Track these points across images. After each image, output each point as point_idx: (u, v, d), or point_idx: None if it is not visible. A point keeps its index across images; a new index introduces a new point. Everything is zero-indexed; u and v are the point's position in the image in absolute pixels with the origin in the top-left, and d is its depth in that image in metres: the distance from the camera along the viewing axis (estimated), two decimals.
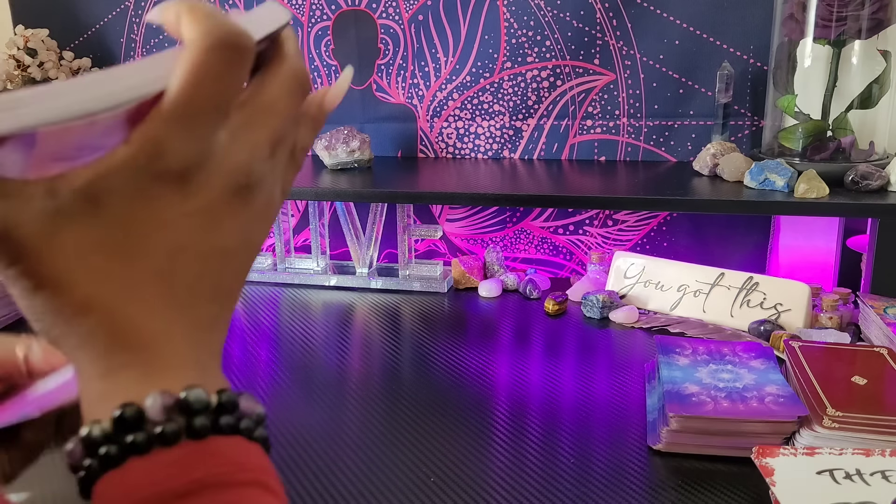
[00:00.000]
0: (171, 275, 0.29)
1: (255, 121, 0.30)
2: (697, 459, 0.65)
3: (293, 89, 0.31)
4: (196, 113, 0.27)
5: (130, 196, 0.27)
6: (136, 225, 0.28)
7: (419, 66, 1.25)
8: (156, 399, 0.27)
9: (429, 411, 0.75)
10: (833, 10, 0.96)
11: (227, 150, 0.29)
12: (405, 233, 1.16)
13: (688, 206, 0.98)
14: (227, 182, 0.29)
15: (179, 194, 0.28)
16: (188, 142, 0.28)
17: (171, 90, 0.27)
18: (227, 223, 0.30)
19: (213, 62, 0.27)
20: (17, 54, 1.31)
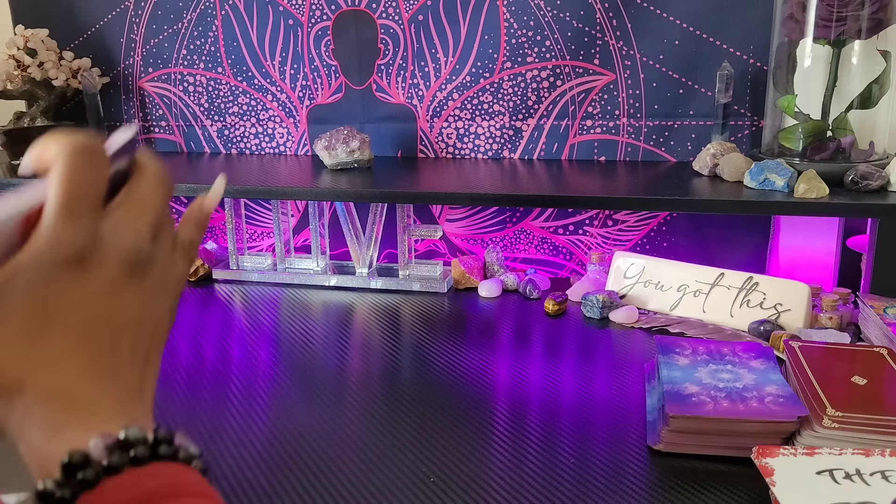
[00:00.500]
0: (89, 348, 0.34)
1: (132, 211, 0.36)
2: (697, 459, 0.65)
3: (158, 185, 0.38)
4: (76, 205, 0.33)
5: (38, 287, 0.32)
6: (50, 310, 0.33)
7: (419, 66, 1.25)
8: (97, 441, 0.31)
9: (429, 411, 0.75)
10: (833, 10, 0.96)
11: (113, 236, 0.35)
12: (405, 233, 1.16)
13: (688, 206, 0.98)
14: (119, 261, 0.35)
15: (81, 274, 0.33)
16: (76, 230, 0.33)
17: (52, 194, 0.33)
18: (128, 297, 0.35)
19: (77, 162, 0.33)
20: (17, 54, 1.31)
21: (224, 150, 1.40)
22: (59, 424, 0.32)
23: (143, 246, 0.36)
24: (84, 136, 0.35)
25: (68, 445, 0.31)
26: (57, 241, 0.33)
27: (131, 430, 0.32)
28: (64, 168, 0.33)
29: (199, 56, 1.35)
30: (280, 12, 1.28)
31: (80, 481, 0.30)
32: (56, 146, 0.34)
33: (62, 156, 0.33)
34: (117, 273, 0.35)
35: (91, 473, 0.30)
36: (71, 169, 0.33)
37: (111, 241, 0.35)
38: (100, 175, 0.35)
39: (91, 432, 0.31)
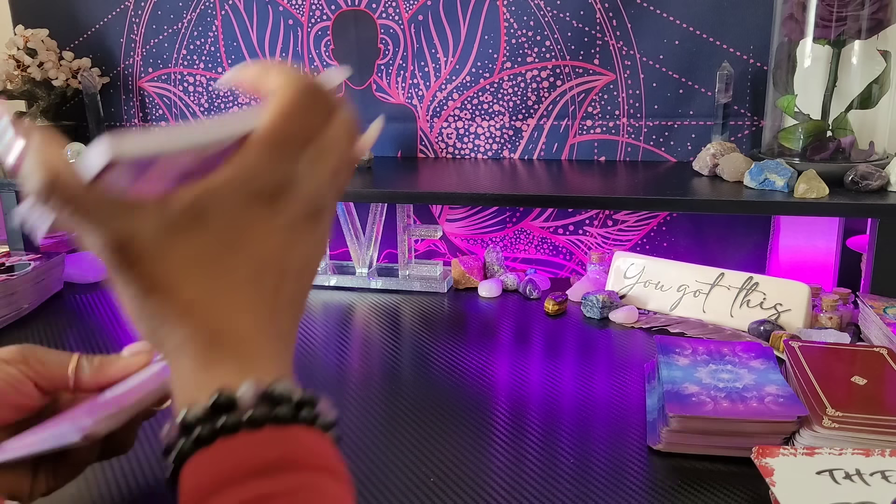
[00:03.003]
0: (258, 285, 0.34)
1: (322, 156, 0.35)
2: (697, 459, 0.65)
3: (347, 134, 0.37)
4: (285, 143, 0.33)
5: (229, 212, 0.32)
6: (232, 238, 0.33)
7: (419, 66, 1.25)
8: (248, 388, 0.31)
9: (429, 411, 0.75)
10: (833, 10, 0.96)
11: (305, 178, 0.34)
12: (405, 233, 1.16)
13: (688, 206, 0.98)
14: (304, 206, 0.35)
15: (269, 212, 0.33)
16: (277, 167, 0.33)
17: (266, 123, 0.33)
18: (301, 243, 0.35)
19: (301, 102, 0.33)
20: (17, 54, 1.31)
21: None
22: (215, 358, 0.32)
23: (324, 193, 0.36)
24: (313, 77, 0.34)
25: (220, 381, 0.31)
26: (260, 172, 0.33)
27: (280, 385, 0.32)
28: (286, 103, 0.33)
29: (199, 56, 1.35)
30: (280, 12, 1.28)
31: (221, 426, 0.30)
32: (283, 78, 0.34)
33: (289, 90, 0.33)
34: (299, 217, 0.35)
35: (233, 420, 0.30)
36: (293, 106, 0.33)
37: (301, 184, 0.34)
38: (319, 122, 0.34)
39: (244, 374, 0.31)
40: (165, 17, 1.34)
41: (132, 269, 0.32)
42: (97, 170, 0.31)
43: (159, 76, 1.38)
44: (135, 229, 0.31)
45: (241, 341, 0.33)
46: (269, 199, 0.33)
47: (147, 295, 0.32)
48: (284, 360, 0.35)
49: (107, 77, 1.40)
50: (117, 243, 0.31)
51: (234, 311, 0.33)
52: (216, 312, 0.33)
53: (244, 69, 0.36)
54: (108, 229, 0.31)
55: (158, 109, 1.41)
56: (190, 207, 0.32)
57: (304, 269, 0.36)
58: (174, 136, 0.32)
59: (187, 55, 1.35)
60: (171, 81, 1.38)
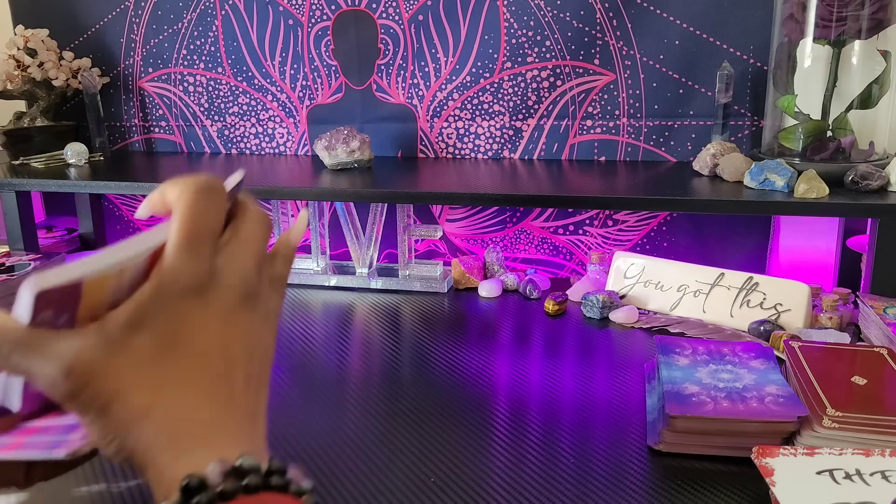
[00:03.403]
0: (208, 374, 0.36)
1: (240, 249, 0.39)
2: (697, 459, 0.65)
3: (261, 224, 0.41)
4: (195, 240, 0.36)
5: (162, 316, 0.35)
6: (172, 337, 0.36)
7: (419, 66, 1.25)
8: (215, 467, 0.33)
9: (429, 411, 0.75)
10: (833, 10, 0.96)
11: (227, 270, 0.38)
12: (405, 233, 1.16)
13: (688, 206, 0.98)
14: (233, 293, 0.38)
15: (201, 305, 0.36)
16: (197, 263, 0.36)
17: (173, 229, 0.36)
18: (241, 327, 0.38)
19: (199, 200, 0.37)
20: (17, 54, 1.31)
21: (224, 150, 1.40)
22: (183, 449, 0.34)
23: (252, 280, 0.39)
24: (205, 177, 0.38)
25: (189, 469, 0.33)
26: (180, 272, 0.36)
27: (247, 459, 0.33)
28: (186, 206, 0.36)
29: (199, 56, 1.35)
30: (280, 12, 1.28)
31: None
32: (178, 188, 0.37)
33: (185, 194, 0.37)
34: (231, 304, 0.38)
35: (205, 498, 0.32)
36: (193, 207, 0.36)
37: (225, 274, 0.37)
38: (219, 212, 0.38)
39: (212, 456, 0.33)
40: (165, 17, 1.34)
41: (85, 389, 0.34)
42: (29, 310, 0.33)
43: (159, 76, 1.38)
44: (80, 353, 0.34)
45: (203, 429, 0.35)
46: (197, 293, 0.36)
47: (105, 410, 0.35)
48: (253, 436, 0.37)
49: (107, 77, 1.40)
50: (67, 369, 0.34)
51: (189, 405, 0.35)
52: (173, 409, 0.35)
53: (150, 197, 0.39)
54: (55, 360, 0.34)
55: (158, 109, 1.41)
56: (126, 323, 0.35)
57: (252, 352, 0.39)
58: (90, 261, 0.34)
59: (187, 55, 1.35)
60: (171, 81, 1.38)
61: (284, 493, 0.34)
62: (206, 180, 0.38)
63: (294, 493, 0.34)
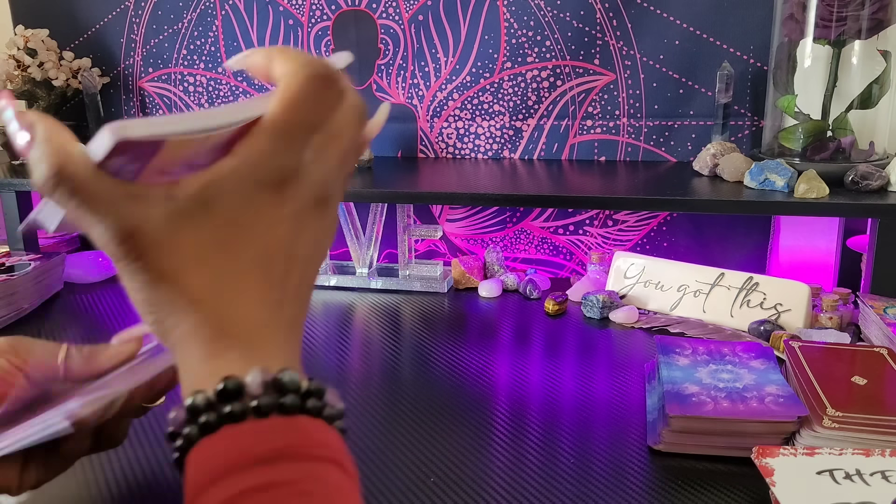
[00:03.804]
0: (267, 273, 0.34)
1: (329, 144, 0.35)
2: (697, 459, 0.65)
3: (356, 119, 0.37)
4: (292, 130, 0.33)
5: (236, 200, 0.32)
6: (240, 226, 0.33)
7: (419, 66, 1.25)
8: (256, 375, 0.31)
9: (429, 411, 0.75)
10: (833, 10, 0.96)
11: (312, 166, 0.34)
12: (405, 233, 1.16)
13: (688, 206, 0.98)
14: (311, 194, 0.34)
15: (276, 200, 0.33)
16: (285, 155, 0.33)
17: (273, 110, 0.32)
18: (309, 230, 0.35)
19: (309, 89, 0.33)
20: (17, 54, 1.31)
21: None
22: (223, 346, 0.32)
23: (332, 180, 0.36)
24: (323, 63, 0.34)
25: (227, 369, 0.31)
26: (268, 159, 0.32)
27: (288, 374, 0.32)
28: (294, 91, 0.33)
29: (199, 56, 1.35)
30: (280, 12, 1.28)
31: (227, 413, 0.30)
32: (290, 64, 0.33)
33: (297, 77, 0.33)
34: (307, 206, 0.35)
35: (240, 407, 0.30)
36: (301, 94, 0.33)
37: (309, 171, 0.34)
38: (327, 109, 0.34)
39: (252, 362, 0.31)
40: (165, 17, 1.34)
41: (140, 259, 0.32)
42: (103, 154, 0.30)
43: (159, 76, 1.38)
44: (142, 218, 0.31)
45: (249, 330, 0.33)
46: (276, 187, 0.33)
47: (155, 285, 0.32)
48: (293, 349, 0.35)
49: (107, 77, 1.40)
50: (125, 233, 0.31)
51: (242, 300, 0.33)
52: (224, 301, 0.33)
53: (253, 54, 0.36)
54: (115, 218, 0.31)
55: (158, 109, 1.41)
56: (197, 196, 0.32)
57: (312, 257, 0.36)
58: (179, 121, 0.31)
59: (187, 55, 1.35)
60: (171, 81, 1.38)
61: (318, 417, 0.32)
62: (326, 67, 0.34)
63: (327, 418, 0.33)
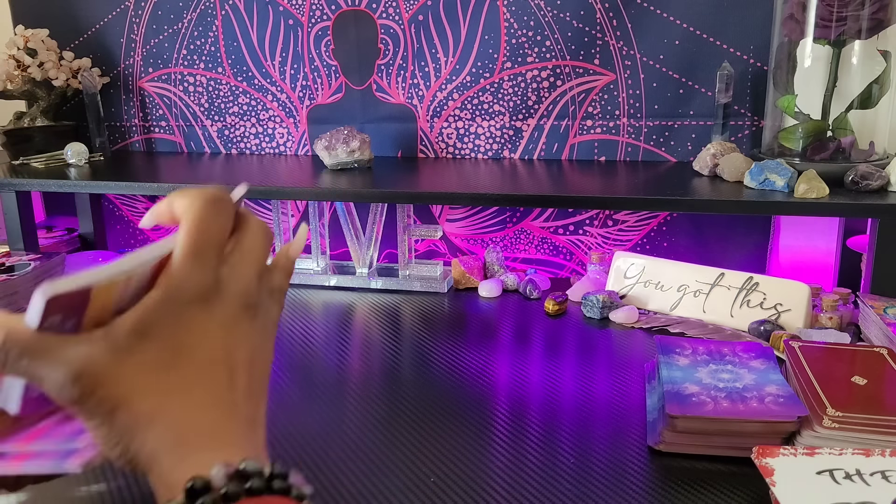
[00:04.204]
0: (211, 381, 0.37)
1: (243, 259, 0.40)
2: (697, 459, 0.65)
3: (262, 236, 0.42)
4: (201, 250, 0.37)
5: (168, 323, 0.37)
6: (177, 345, 0.37)
7: (419, 66, 1.25)
8: (219, 469, 0.33)
9: (429, 411, 0.75)
10: (833, 10, 0.96)
11: (230, 279, 0.39)
12: (405, 233, 1.15)
13: (688, 206, 0.98)
14: (236, 302, 0.39)
15: (205, 313, 0.38)
16: (202, 272, 0.38)
17: (181, 239, 0.37)
18: (243, 336, 0.39)
19: (207, 212, 0.38)
20: (17, 54, 1.31)
21: (224, 150, 1.40)
22: (186, 453, 0.35)
23: (253, 290, 0.40)
24: (212, 190, 0.39)
25: (193, 471, 0.34)
26: (187, 280, 0.37)
27: (250, 463, 0.34)
28: (194, 217, 0.38)
29: (199, 56, 1.35)
30: (280, 12, 1.28)
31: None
32: (186, 200, 0.38)
33: (193, 206, 0.38)
34: (234, 313, 0.39)
35: (209, 499, 0.33)
36: (200, 218, 0.38)
37: (229, 284, 0.39)
38: (225, 224, 0.40)
39: (214, 461, 0.34)
40: (165, 17, 1.34)
41: (93, 394, 0.35)
42: (38, 315, 0.34)
43: (159, 76, 1.38)
44: (87, 360, 0.35)
45: (207, 434, 0.36)
46: (201, 302, 0.37)
47: (112, 415, 0.35)
48: (254, 444, 0.38)
49: (107, 77, 1.40)
50: (74, 375, 0.35)
51: (193, 410, 0.36)
52: (177, 414, 0.36)
53: (157, 207, 0.40)
54: (63, 364, 0.35)
55: (158, 109, 1.41)
56: (132, 329, 0.36)
57: (253, 360, 0.40)
58: (98, 271, 0.35)
59: (187, 55, 1.35)
60: (171, 81, 1.38)
61: (286, 496, 0.34)
62: (213, 193, 0.39)
63: (296, 498, 0.35)
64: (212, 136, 1.39)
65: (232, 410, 0.38)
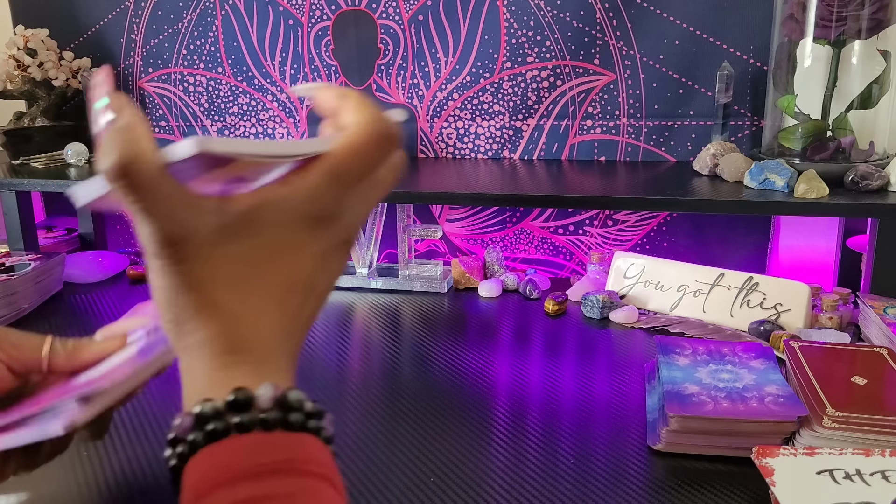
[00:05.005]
0: (286, 302, 0.36)
1: (369, 195, 0.38)
2: (697, 459, 0.65)
3: (395, 174, 0.40)
4: (346, 178, 0.35)
5: (278, 225, 0.35)
6: (274, 251, 0.35)
7: (419, 66, 1.25)
8: (267, 389, 0.32)
9: (429, 411, 0.75)
10: (833, 10, 0.96)
11: (348, 211, 0.37)
12: (405, 233, 1.16)
13: (688, 206, 0.98)
14: (341, 235, 0.38)
15: (313, 235, 0.36)
16: (333, 197, 0.36)
17: (335, 155, 0.35)
18: (329, 269, 0.38)
19: (372, 145, 0.36)
20: (17, 54, 1.31)
21: None
22: (234, 360, 0.34)
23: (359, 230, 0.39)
24: (387, 121, 0.37)
25: (237, 382, 0.32)
26: (312, 196, 0.35)
27: (295, 393, 0.33)
28: (361, 143, 0.36)
29: (199, 56, 1.35)
30: (280, 12, 1.28)
31: (236, 423, 0.31)
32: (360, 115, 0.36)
33: (365, 130, 0.36)
34: (334, 245, 0.37)
35: (248, 418, 0.31)
36: (362, 147, 0.36)
37: (347, 215, 0.37)
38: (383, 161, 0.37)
39: (261, 378, 0.33)
40: (165, 17, 1.34)
41: (179, 264, 0.33)
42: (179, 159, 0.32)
43: (159, 76, 1.38)
44: (193, 228, 0.33)
45: (260, 350, 0.35)
46: (315, 223, 0.36)
47: (186, 290, 0.34)
48: (292, 374, 0.37)
49: None
50: (173, 239, 0.33)
51: (260, 322, 0.35)
52: (244, 319, 0.34)
53: (325, 90, 0.39)
54: (167, 223, 0.33)
55: (158, 109, 1.41)
56: (246, 213, 0.34)
57: (325, 292, 0.39)
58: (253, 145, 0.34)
59: (187, 55, 1.35)
60: (171, 81, 1.38)
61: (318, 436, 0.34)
62: (389, 127, 0.37)
63: (325, 439, 0.34)
64: (212, 136, 1.39)
65: (290, 336, 0.37)
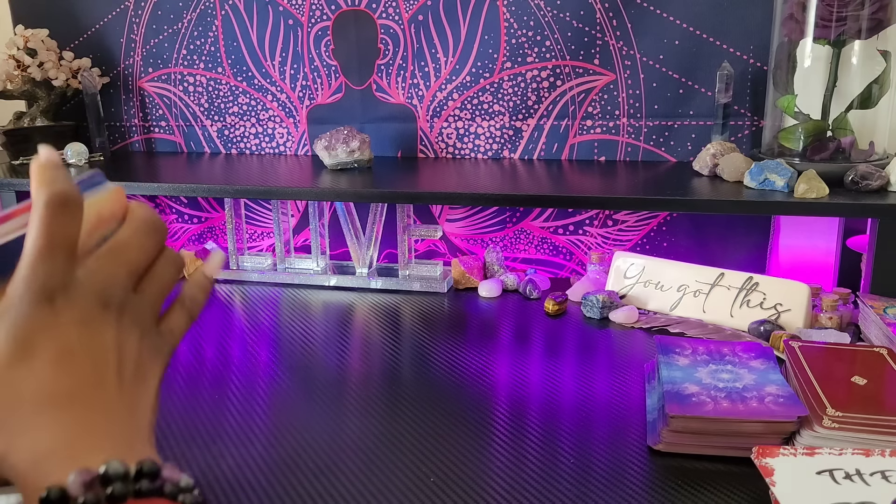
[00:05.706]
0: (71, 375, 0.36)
1: (109, 256, 0.39)
2: (697, 459, 0.65)
3: (143, 229, 0.41)
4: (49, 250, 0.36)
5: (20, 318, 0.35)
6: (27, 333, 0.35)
7: (419, 66, 1.25)
8: (75, 477, 0.31)
9: (429, 411, 0.75)
10: (833, 10, 0.96)
11: (87, 278, 0.37)
12: (405, 233, 1.16)
13: (688, 206, 0.98)
14: (91, 300, 0.37)
15: (51, 310, 0.36)
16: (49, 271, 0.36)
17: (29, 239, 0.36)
18: (103, 331, 0.37)
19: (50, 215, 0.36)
20: (17, 54, 1.31)
21: (224, 150, 1.40)
22: (43, 455, 0.33)
23: (116, 289, 0.39)
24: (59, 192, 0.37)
25: (50, 478, 0.32)
26: (32, 279, 0.36)
27: (112, 465, 0.32)
28: (42, 217, 0.36)
29: (199, 56, 1.35)
30: (280, 12, 1.28)
31: None
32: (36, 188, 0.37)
33: (41, 205, 0.36)
34: (91, 309, 0.37)
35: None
36: (48, 219, 0.36)
37: (84, 283, 0.37)
38: (72, 225, 0.37)
39: (74, 464, 0.32)
40: (165, 17, 1.34)
41: None
42: None
43: (159, 76, 1.38)
44: None
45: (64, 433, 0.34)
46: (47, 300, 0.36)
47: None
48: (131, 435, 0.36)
49: (107, 77, 1.40)
50: None
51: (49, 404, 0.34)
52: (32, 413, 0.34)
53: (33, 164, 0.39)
54: None
55: (158, 109, 1.41)
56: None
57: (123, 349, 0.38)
58: None
59: (187, 55, 1.35)
60: (171, 81, 1.38)
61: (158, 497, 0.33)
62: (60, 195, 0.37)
63: (169, 495, 0.33)
64: (212, 136, 1.39)
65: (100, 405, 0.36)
